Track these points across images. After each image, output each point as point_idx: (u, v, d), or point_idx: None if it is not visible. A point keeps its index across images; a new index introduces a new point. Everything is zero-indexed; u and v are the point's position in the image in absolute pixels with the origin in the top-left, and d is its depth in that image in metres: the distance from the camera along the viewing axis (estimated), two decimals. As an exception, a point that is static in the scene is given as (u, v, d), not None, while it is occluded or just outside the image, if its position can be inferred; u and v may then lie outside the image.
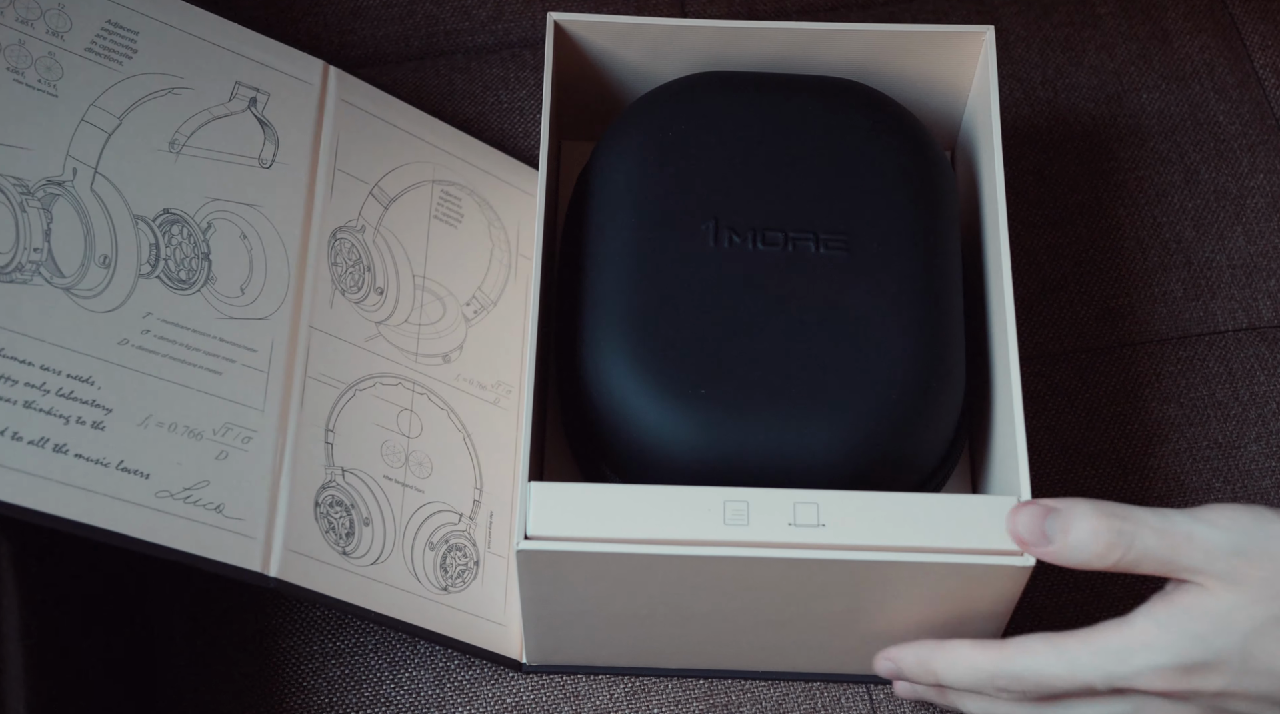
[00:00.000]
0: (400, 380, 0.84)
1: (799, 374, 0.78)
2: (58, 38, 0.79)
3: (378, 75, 1.00)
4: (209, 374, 0.78)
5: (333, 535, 0.79)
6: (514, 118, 0.99)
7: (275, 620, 0.86)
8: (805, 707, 0.84)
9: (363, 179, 0.87)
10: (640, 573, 0.75)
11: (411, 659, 0.85)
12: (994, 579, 0.74)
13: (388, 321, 0.85)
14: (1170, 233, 0.97)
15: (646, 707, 0.84)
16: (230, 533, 0.75)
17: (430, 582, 0.81)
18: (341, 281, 0.84)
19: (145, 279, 0.78)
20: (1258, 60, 1.01)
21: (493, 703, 0.84)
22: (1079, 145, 0.98)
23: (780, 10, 1.03)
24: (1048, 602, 0.87)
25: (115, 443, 0.74)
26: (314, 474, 0.79)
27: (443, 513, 0.83)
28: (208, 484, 0.76)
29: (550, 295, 0.87)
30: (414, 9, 1.03)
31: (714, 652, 0.82)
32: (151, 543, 0.73)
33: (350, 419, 0.81)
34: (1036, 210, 0.97)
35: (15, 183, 0.76)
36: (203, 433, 0.76)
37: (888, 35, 0.87)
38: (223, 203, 0.82)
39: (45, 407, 0.72)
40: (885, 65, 0.88)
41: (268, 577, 0.76)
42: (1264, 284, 0.95)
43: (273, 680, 0.84)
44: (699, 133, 0.83)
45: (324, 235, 0.84)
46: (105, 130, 0.79)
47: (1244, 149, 0.99)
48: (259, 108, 0.85)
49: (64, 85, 0.79)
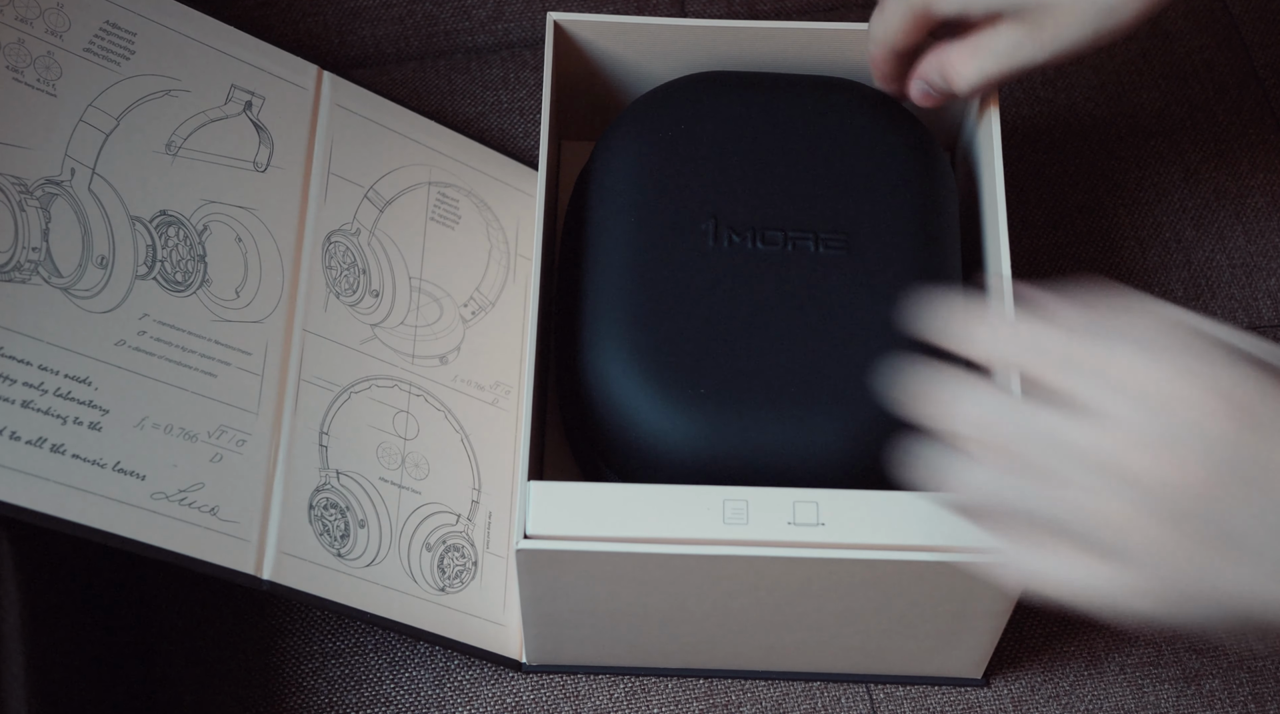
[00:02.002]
0: (396, 382, 0.84)
1: (798, 373, 0.78)
2: (56, 37, 0.79)
3: (377, 75, 1.00)
4: (204, 376, 0.78)
5: (327, 538, 0.79)
6: (514, 118, 0.99)
7: (275, 620, 0.86)
8: (805, 706, 0.84)
9: (357, 182, 0.87)
10: (640, 572, 0.75)
11: (411, 659, 0.85)
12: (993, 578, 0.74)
13: (383, 324, 0.85)
14: (1170, 233, 0.96)
15: (646, 706, 0.84)
16: (224, 535, 0.75)
17: (427, 583, 0.81)
18: (336, 285, 0.84)
19: (142, 280, 0.78)
20: (1258, 60, 1.01)
21: (493, 703, 0.84)
22: (1079, 145, 0.98)
23: (780, 10, 1.03)
24: (1048, 600, 0.87)
25: (112, 444, 0.74)
26: (308, 477, 0.79)
27: (440, 514, 0.83)
28: (203, 486, 0.76)
29: (550, 295, 0.86)
30: (414, 9, 1.03)
31: (714, 651, 0.82)
32: (147, 544, 0.73)
33: (345, 422, 0.82)
34: (1036, 210, 0.97)
35: (14, 182, 0.76)
36: (198, 435, 0.77)
37: (887, 35, 0.87)
38: (218, 205, 0.82)
39: (43, 406, 0.73)
40: (885, 65, 0.88)
41: (261, 580, 0.76)
42: (1264, 284, 0.95)
43: (273, 680, 0.84)
44: (699, 133, 0.83)
45: (318, 239, 0.84)
46: (103, 131, 0.79)
47: (1244, 149, 0.99)
48: (254, 111, 0.85)
49: (62, 85, 0.79)
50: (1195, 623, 0.61)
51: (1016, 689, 0.85)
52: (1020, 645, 0.86)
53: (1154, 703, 0.85)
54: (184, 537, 0.74)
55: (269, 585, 0.76)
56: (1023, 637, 0.86)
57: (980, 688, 0.85)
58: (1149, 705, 0.85)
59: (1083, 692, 0.85)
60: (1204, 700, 0.85)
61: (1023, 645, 0.86)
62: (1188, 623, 0.61)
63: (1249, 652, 0.86)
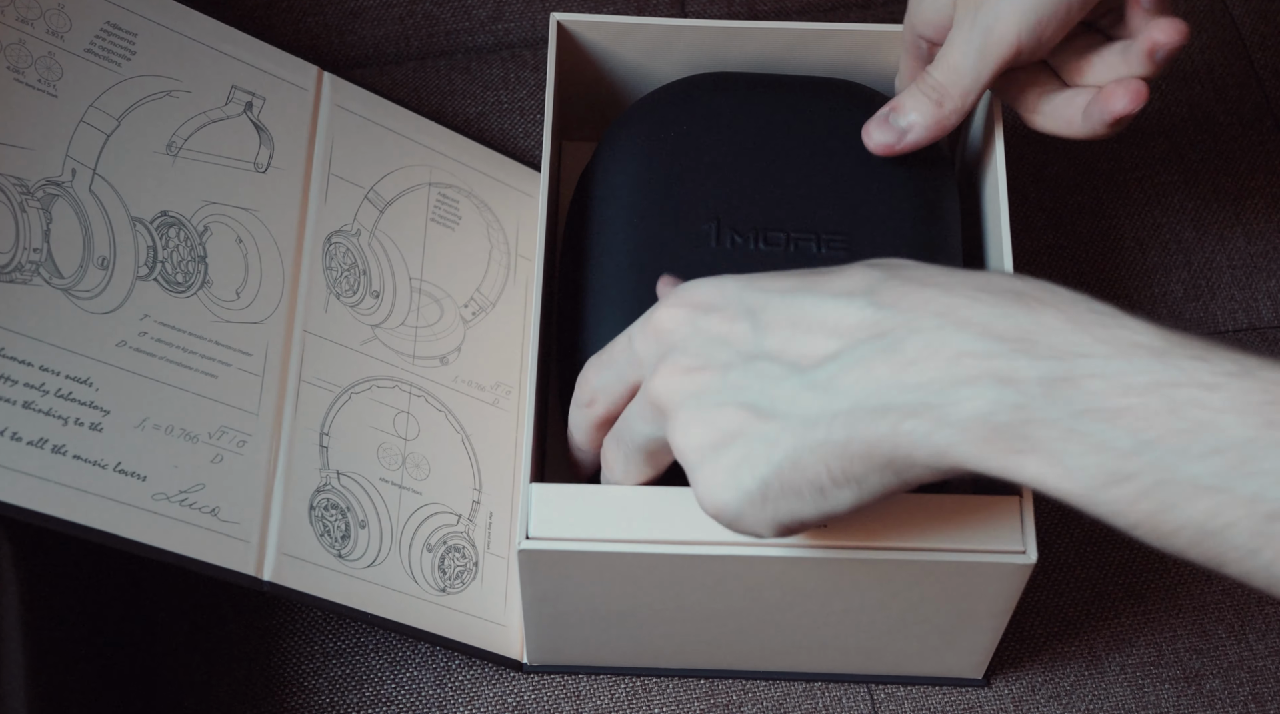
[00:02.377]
0: (397, 383, 0.84)
1: None
2: (57, 38, 0.79)
3: (377, 75, 1.00)
4: (205, 377, 0.78)
5: (328, 538, 0.79)
6: (514, 117, 0.99)
7: (276, 620, 0.86)
8: (806, 706, 0.84)
9: (357, 183, 0.87)
10: (641, 573, 0.75)
11: (413, 659, 0.85)
12: (994, 578, 0.74)
13: (384, 325, 0.85)
14: (1170, 233, 0.96)
15: (648, 706, 0.84)
16: (225, 536, 0.75)
17: (428, 583, 0.81)
18: (336, 286, 0.84)
19: (143, 281, 0.78)
20: (1257, 60, 1.01)
21: (494, 702, 0.84)
22: (1079, 145, 0.98)
23: (780, 10, 1.03)
24: (1048, 600, 0.87)
25: (113, 445, 0.74)
26: (308, 478, 0.79)
27: (441, 514, 0.83)
28: (203, 487, 0.76)
29: (551, 295, 0.87)
30: (414, 9, 1.03)
31: (715, 652, 0.82)
32: (148, 545, 0.73)
33: (345, 422, 0.82)
34: (1037, 211, 0.97)
35: (15, 182, 0.76)
36: (198, 436, 0.77)
37: (888, 35, 0.87)
38: (219, 206, 0.82)
39: (44, 407, 0.73)
40: (885, 65, 0.88)
41: (262, 581, 0.76)
42: (1264, 284, 0.95)
43: (273, 680, 0.84)
44: (701, 133, 0.83)
45: (318, 240, 0.84)
46: (104, 132, 0.79)
47: (1244, 149, 0.99)
48: (255, 112, 0.85)
49: (63, 86, 0.79)
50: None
51: (1017, 689, 0.85)
52: (1020, 645, 0.86)
53: (1154, 703, 0.85)
54: (185, 538, 0.74)
55: (269, 586, 0.76)
56: (1023, 637, 0.86)
57: (981, 688, 0.85)
58: (1149, 705, 0.85)
59: (1083, 692, 0.85)
60: (1204, 700, 0.85)
61: (1023, 645, 0.86)
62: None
63: (1249, 651, 0.86)
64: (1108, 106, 0.76)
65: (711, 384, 0.64)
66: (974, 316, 0.59)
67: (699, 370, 0.65)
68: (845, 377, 0.61)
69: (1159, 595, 0.87)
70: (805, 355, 0.62)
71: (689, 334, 0.66)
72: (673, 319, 0.66)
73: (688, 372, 0.65)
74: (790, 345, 0.63)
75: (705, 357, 0.65)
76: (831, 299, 0.63)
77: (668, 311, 0.67)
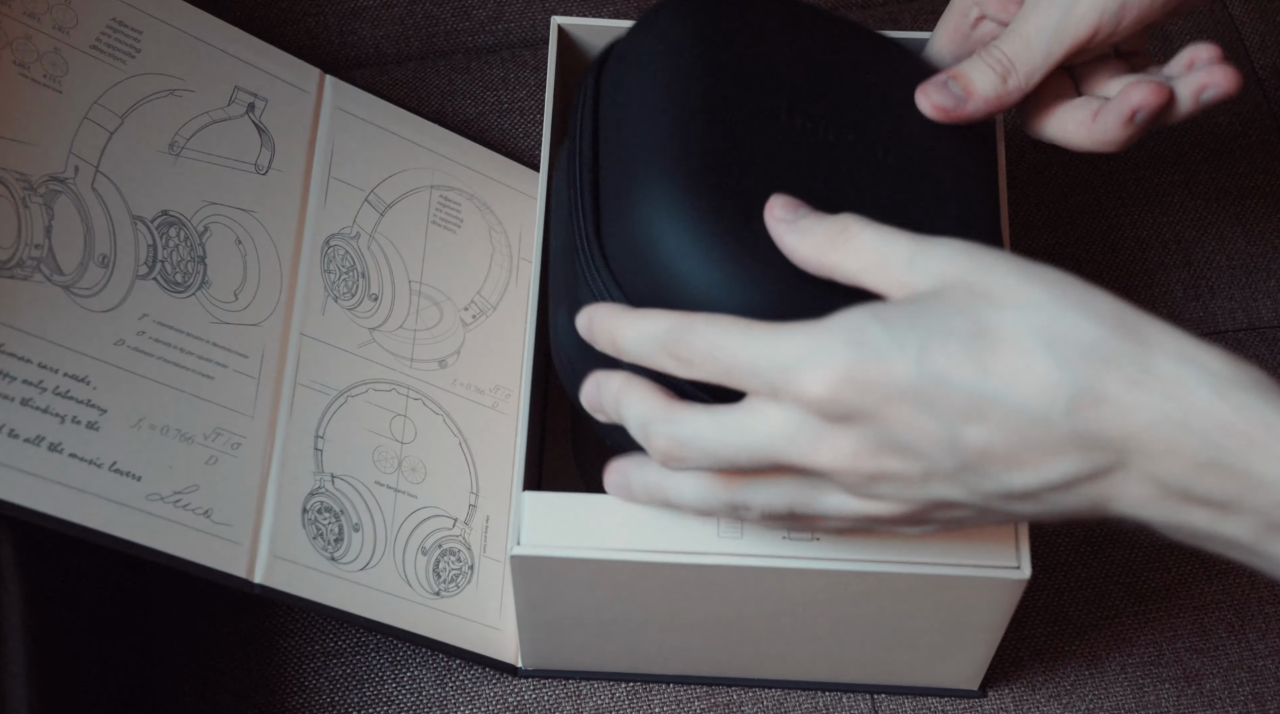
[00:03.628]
0: (394, 386, 0.84)
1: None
2: (63, 33, 0.79)
3: (377, 75, 1.00)
4: (201, 378, 0.78)
5: (320, 541, 0.79)
6: (514, 118, 0.99)
7: (276, 620, 0.86)
8: (806, 706, 0.84)
9: (358, 186, 0.87)
10: (635, 581, 0.75)
11: (413, 659, 0.85)
12: (988, 591, 0.74)
13: (382, 327, 0.85)
14: (1170, 233, 0.96)
15: (648, 706, 0.84)
16: (217, 538, 0.75)
17: (422, 586, 0.81)
18: (334, 288, 0.84)
19: (142, 280, 0.78)
20: (1257, 60, 1.01)
21: (494, 702, 0.84)
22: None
23: (782, 10, 1.03)
24: (1049, 600, 0.87)
25: (109, 443, 0.74)
26: (302, 481, 0.79)
27: (436, 518, 0.83)
28: (197, 489, 0.76)
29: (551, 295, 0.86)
30: (414, 9, 1.03)
31: (711, 659, 0.82)
32: (140, 545, 0.73)
33: (341, 425, 0.82)
34: (1037, 211, 0.97)
35: (19, 178, 0.76)
36: (194, 437, 0.77)
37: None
38: (219, 207, 0.82)
39: (42, 405, 0.73)
40: (886, 65, 0.87)
41: (252, 583, 0.76)
42: (1264, 284, 0.95)
43: (274, 680, 0.84)
44: (766, 17, 0.76)
45: (317, 243, 0.84)
46: (107, 129, 0.79)
47: (1244, 149, 0.99)
48: (257, 113, 0.85)
49: (68, 81, 0.79)
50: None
51: (1017, 689, 0.85)
52: (1020, 646, 0.86)
53: (1154, 703, 0.85)
54: (177, 538, 0.74)
55: (260, 589, 0.76)
56: (1023, 637, 0.86)
57: (977, 698, 0.84)
58: (1149, 705, 0.85)
59: (1083, 692, 0.85)
60: (1204, 700, 0.85)
61: (1023, 646, 0.86)
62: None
63: (1249, 651, 0.86)
64: (1128, 99, 0.73)
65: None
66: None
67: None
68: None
69: (1159, 595, 0.87)
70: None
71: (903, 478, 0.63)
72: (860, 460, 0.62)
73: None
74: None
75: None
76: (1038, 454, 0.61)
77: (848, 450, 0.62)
